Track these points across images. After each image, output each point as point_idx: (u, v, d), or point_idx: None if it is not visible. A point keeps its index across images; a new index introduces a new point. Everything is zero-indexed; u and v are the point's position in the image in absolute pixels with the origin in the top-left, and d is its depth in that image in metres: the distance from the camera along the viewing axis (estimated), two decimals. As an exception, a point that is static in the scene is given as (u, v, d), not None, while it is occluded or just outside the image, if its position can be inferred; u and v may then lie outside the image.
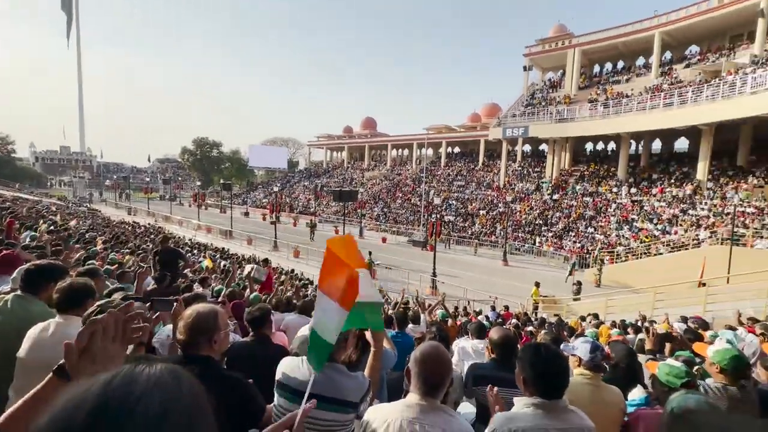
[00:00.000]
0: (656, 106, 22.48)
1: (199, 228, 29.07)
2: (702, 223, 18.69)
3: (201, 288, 6.50)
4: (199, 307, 1.54)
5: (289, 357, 1.66)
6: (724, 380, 2.11)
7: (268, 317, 2.59)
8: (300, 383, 1.51)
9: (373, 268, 17.26)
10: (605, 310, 11.09)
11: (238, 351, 2.40)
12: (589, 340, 2.28)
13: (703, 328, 6.45)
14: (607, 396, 2.12)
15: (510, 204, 29.07)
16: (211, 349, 1.51)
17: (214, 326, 1.50)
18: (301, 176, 57.55)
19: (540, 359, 1.41)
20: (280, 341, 3.61)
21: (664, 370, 1.99)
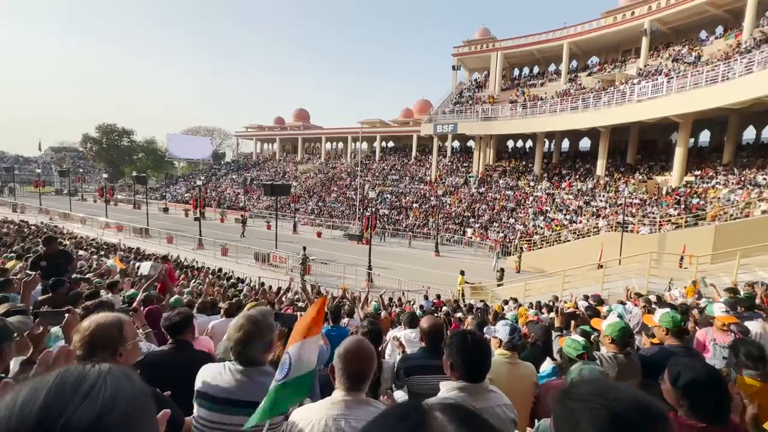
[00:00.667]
0: (564, 109, 25.16)
1: (107, 226, 25.82)
2: (600, 213, 21.45)
3: (110, 294, 5.80)
4: (99, 317, 1.35)
5: (209, 364, 1.55)
6: (614, 349, 2.45)
7: (190, 322, 2.39)
8: (222, 390, 1.42)
9: (309, 264, 16.93)
10: (524, 293, 12.22)
11: (153, 361, 2.18)
12: (509, 322, 2.49)
13: (599, 304, 7.42)
14: (522, 371, 2.33)
15: (441, 197, 30.43)
16: (116, 363, 1.34)
17: (118, 338, 1.34)
18: (228, 169, 53.98)
19: (466, 346, 1.49)
20: (205, 346, 3.37)
21: (568, 343, 2.25)
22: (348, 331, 3.95)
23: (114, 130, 59.71)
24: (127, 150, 61.29)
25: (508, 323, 2.51)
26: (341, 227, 30.33)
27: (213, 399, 1.42)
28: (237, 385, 1.42)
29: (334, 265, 17.84)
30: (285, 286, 10.97)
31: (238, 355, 1.50)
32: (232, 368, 1.47)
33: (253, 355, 1.51)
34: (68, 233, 19.18)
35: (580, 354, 2.08)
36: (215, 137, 67.04)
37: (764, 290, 5.59)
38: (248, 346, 1.49)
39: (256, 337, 1.50)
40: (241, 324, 1.51)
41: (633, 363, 2.43)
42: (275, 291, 11.13)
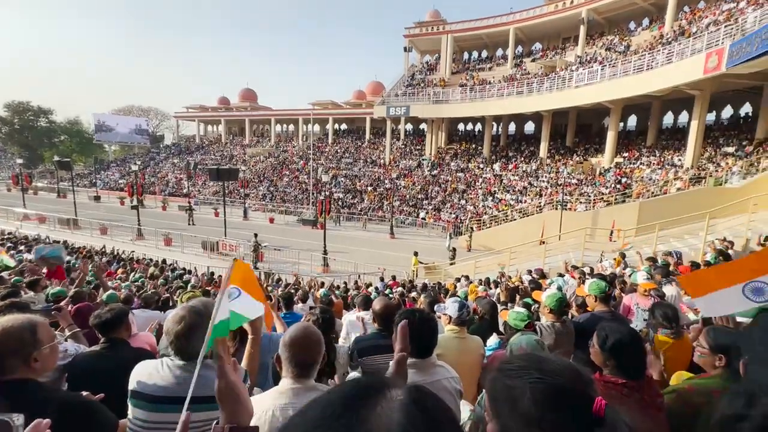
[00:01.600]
0: (511, 93, 26.18)
1: (25, 218, 23.05)
2: (543, 193, 22.89)
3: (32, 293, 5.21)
4: (5, 320, 1.19)
5: (144, 361, 1.44)
6: (553, 318, 2.65)
7: (123, 319, 2.20)
8: (159, 389, 1.32)
9: (261, 251, 16.41)
10: (474, 270, 12.83)
11: (82, 363, 2.00)
12: (458, 299, 2.58)
13: (542, 278, 7.99)
14: (470, 345, 2.45)
15: (395, 180, 30.67)
16: (31, 370, 1.20)
17: (30, 341, 1.19)
18: (168, 152, 50.09)
19: (415, 324, 1.52)
20: (146, 342, 3.16)
21: (512, 316, 2.39)
22: (301, 316, 3.90)
23: (28, 109, 52.68)
24: (45, 132, 54.51)
25: (457, 300, 2.61)
26: (294, 212, 29.62)
27: (151, 398, 1.32)
28: (177, 381, 1.34)
29: (288, 251, 17.46)
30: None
31: (180, 349, 1.41)
32: (171, 364, 1.38)
33: (195, 348, 1.42)
34: None
35: (527, 324, 2.21)
36: (151, 118, 61.59)
37: (675, 260, 6.32)
38: (189, 339, 1.40)
39: (197, 329, 1.41)
40: (182, 316, 1.42)
41: (568, 330, 2.64)
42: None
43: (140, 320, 4.07)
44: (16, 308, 2.11)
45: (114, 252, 14.91)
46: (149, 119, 59.38)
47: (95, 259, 12.97)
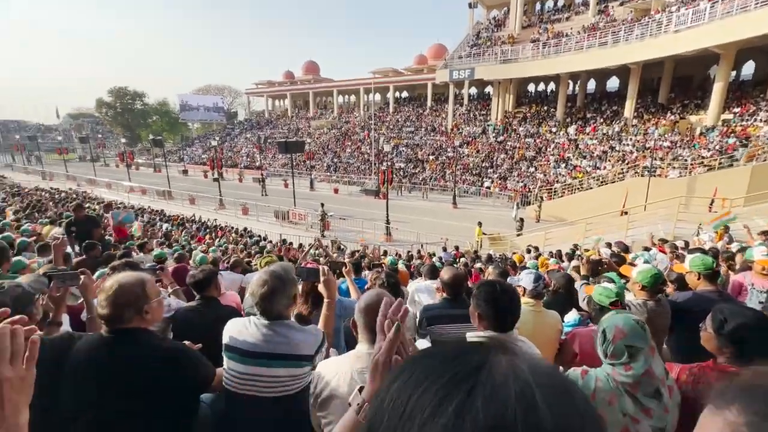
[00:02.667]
0: (592, 45, 23.16)
1: (131, 190, 26.60)
2: (626, 158, 20.47)
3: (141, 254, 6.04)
4: (121, 276, 1.36)
5: (235, 319, 1.57)
6: (644, 296, 2.38)
7: (214, 279, 2.44)
8: (248, 344, 1.44)
9: (327, 220, 17.16)
10: (544, 242, 12.11)
11: (183, 317, 2.26)
12: (532, 271, 2.43)
13: (624, 251, 7.28)
14: (547, 319, 2.31)
15: (458, 148, 29.59)
16: (143, 320, 1.36)
17: (142, 295, 1.35)
18: (242, 128, 53.63)
19: (495, 296, 1.44)
20: (232, 301, 3.49)
21: (598, 290, 2.18)
22: (366, 281, 4.02)
23: (126, 93, 59.42)
24: (141, 113, 61.30)
25: (532, 272, 2.45)
26: (357, 183, 30.23)
27: (240, 352, 1.44)
28: (263, 338, 1.44)
29: (352, 220, 18.03)
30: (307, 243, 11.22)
31: (263, 310, 1.50)
32: (257, 322, 1.48)
33: (277, 309, 1.51)
34: (97, 198, 19.90)
35: (614, 302, 2.01)
36: (226, 95, 65.94)
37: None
38: (272, 301, 1.49)
39: (279, 292, 1.49)
40: (265, 280, 1.50)
41: (663, 309, 2.36)
42: (296, 247, 11.43)
43: (226, 281, 4.52)
44: (129, 266, 2.42)
45: (200, 220, 16.67)
46: (224, 97, 63.70)
47: (186, 227, 14.63)
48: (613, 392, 1.26)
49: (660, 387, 1.23)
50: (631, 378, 1.24)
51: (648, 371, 1.24)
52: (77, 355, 1.34)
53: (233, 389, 1.45)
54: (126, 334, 1.32)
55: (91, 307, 1.84)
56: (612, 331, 1.31)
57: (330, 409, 1.25)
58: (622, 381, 1.26)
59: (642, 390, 1.23)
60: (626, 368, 1.26)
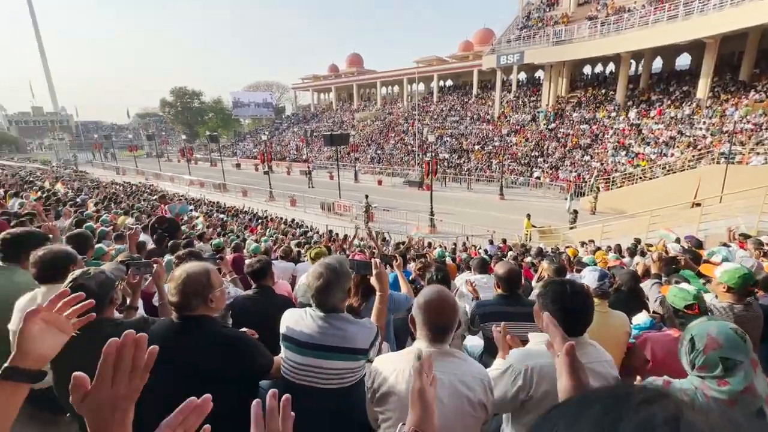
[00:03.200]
0: (659, 19, 20.97)
1: (191, 183, 28.61)
2: (698, 143, 18.46)
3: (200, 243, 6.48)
4: (188, 266, 1.43)
5: (292, 309, 1.60)
6: (730, 299, 2.11)
7: (269, 269, 2.53)
8: (304, 335, 1.46)
9: (371, 211, 17.31)
10: (601, 236, 11.32)
11: (241, 304, 2.37)
12: (597, 268, 2.25)
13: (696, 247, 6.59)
14: (613, 320, 2.13)
15: (505, 137, 28.42)
16: (208, 308, 1.43)
17: (207, 285, 1.42)
18: (289, 122, 55.49)
19: (566, 297, 1.34)
20: (284, 290, 3.63)
21: (674, 292, 1.97)
22: (410, 273, 3.99)
23: (185, 92, 63.64)
24: (198, 111, 65.43)
25: (597, 269, 2.27)
26: (401, 174, 30.16)
27: (297, 342, 1.47)
28: (318, 330, 1.45)
29: (395, 212, 18.04)
30: (351, 234, 11.41)
31: (319, 302, 1.52)
32: (313, 314, 1.51)
33: (333, 302, 1.52)
34: (162, 191, 21.65)
35: (690, 305, 1.81)
36: (274, 91, 68.41)
37: None
38: (328, 293, 1.50)
39: (334, 285, 1.50)
40: (320, 272, 1.52)
41: (754, 315, 2.08)
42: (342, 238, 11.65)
43: (278, 270, 4.71)
44: (193, 256, 2.58)
45: (252, 211, 17.56)
46: (273, 93, 66.16)
47: (240, 217, 15.47)
48: (702, 408, 1.12)
49: (765, 407, 1.08)
50: (727, 395, 1.09)
51: (749, 388, 1.08)
52: (151, 338, 1.43)
53: (290, 378, 1.49)
54: (193, 320, 1.40)
55: (163, 293, 1.98)
56: (703, 340, 1.16)
57: (388, 405, 1.23)
58: (714, 396, 1.11)
59: (740, 409, 1.08)
60: (720, 383, 1.11)
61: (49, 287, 1.73)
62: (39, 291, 1.75)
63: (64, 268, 1.78)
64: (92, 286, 1.46)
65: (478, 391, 1.23)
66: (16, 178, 14.81)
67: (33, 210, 5.71)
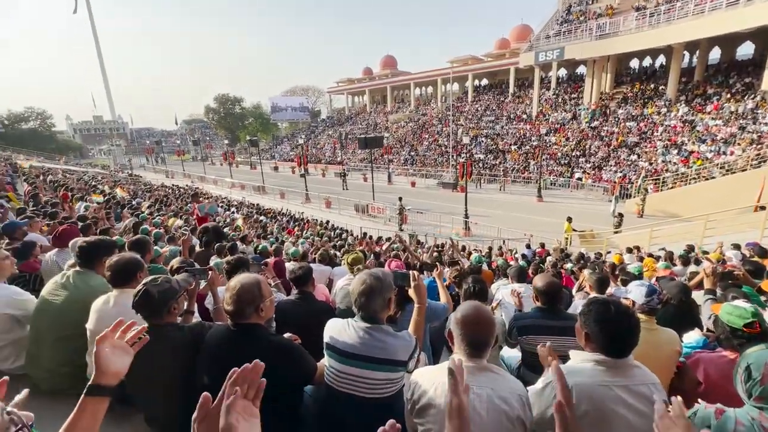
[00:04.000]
0: (717, 6, 19.39)
1: (233, 186, 30.02)
2: (763, 140, 16.87)
3: (243, 245, 6.82)
4: (242, 278, 1.55)
5: (335, 319, 1.68)
6: (795, 319, 1.95)
7: (311, 275, 2.65)
8: (347, 345, 1.53)
9: (405, 213, 17.35)
10: (649, 241, 10.66)
11: (284, 310, 2.49)
12: (645, 283, 2.16)
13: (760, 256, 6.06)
14: (662, 339, 2.04)
15: (544, 136, 27.45)
16: (259, 317, 1.55)
17: (259, 295, 1.53)
18: (324, 125, 56.74)
19: (608, 317, 1.32)
20: (322, 294, 3.76)
21: (727, 309, 1.85)
22: (445, 280, 3.98)
23: (228, 99, 66.86)
24: (239, 116, 68.50)
25: (644, 283, 2.19)
26: (435, 176, 29.96)
27: (339, 351, 1.55)
28: (360, 341, 1.52)
29: (429, 214, 17.96)
30: (386, 237, 11.49)
31: (361, 307, 1.58)
32: (356, 325, 1.57)
33: (374, 309, 1.58)
34: (206, 193, 22.90)
35: (749, 323, 1.69)
36: (310, 95, 70.26)
37: None
38: (371, 300, 1.56)
39: (377, 293, 1.56)
40: (363, 279, 1.59)
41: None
42: (375, 240, 11.78)
43: (316, 273, 4.88)
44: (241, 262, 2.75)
45: (290, 213, 18.15)
46: (309, 97, 68.02)
47: (278, 219, 16.04)
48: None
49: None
50: (787, 428, 1.04)
51: (812, 423, 1.02)
52: (210, 343, 1.58)
53: (333, 385, 1.57)
54: (246, 328, 1.52)
55: (217, 297, 2.15)
56: (760, 369, 1.10)
57: (427, 417, 1.28)
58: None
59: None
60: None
61: (120, 291, 1.93)
62: (112, 294, 1.96)
63: (133, 274, 1.98)
64: (154, 293, 1.62)
65: (516, 407, 1.24)
66: (81, 183, 16.26)
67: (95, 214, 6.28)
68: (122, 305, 1.86)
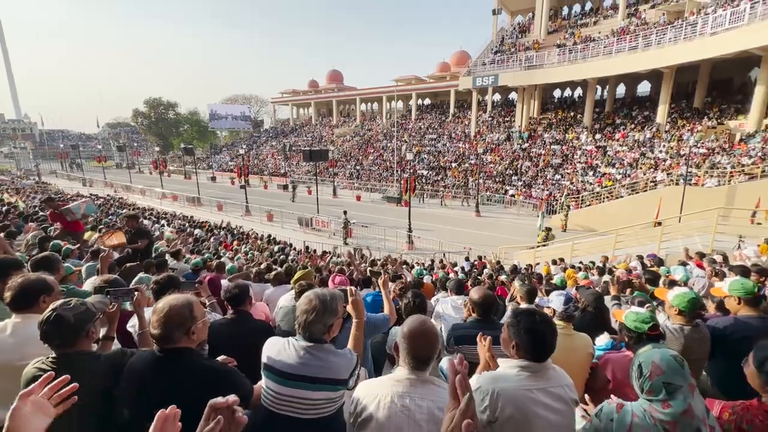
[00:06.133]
0: (622, 49, 22.53)
1: (163, 196, 27.77)
2: (659, 165, 19.67)
3: (175, 261, 6.31)
4: (171, 299, 1.45)
5: (274, 338, 1.63)
6: (681, 321, 2.30)
7: (247, 294, 2.53)
8: (286, 365, 1.49)
9: (350, 228, 17.33)
10: (571, 253, 11.78)
11: (218, 331, 2.35)
12: (563, 293, 2.40)
13: (658, 265, 6.99)
14: (578, 343, 2.27)
15: (481, 155, 29.30)
16: (189, 340, 1.45)
17: (190, 317, 1.44)
18: (267, 136, 55.12)
19: (535, 326, 1.44)
20: (262, 312, 3.60)
21: (631, 317, 2.12)
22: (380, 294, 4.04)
23: (160, 103, 62.25)
24: (173, 122, 63.97)
25: (563, 293, 2.42)
26: (380, 190, 30.41)
27: (278, 372, 1.50)
28: (301, 361, 1.49)
29: (374, 228, 18.12)
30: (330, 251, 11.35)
31: (307, 330, 1.55)
32: (296, 344, 1.54)
33: (322, 329, 1.57)
34: (132, 204, 20.90)
35: (651, 326, 1.94)
36: (253, 104, 68.01)
37: None
38: (318, 320, 1.55)
39: (325, 313, 1.56)
40: (311, 299, 1.58)
41: (701, 335, 2.27)
42: (320, 255, 11.59)
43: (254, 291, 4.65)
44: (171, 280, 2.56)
45: (228, 226, 17.20)
46: (251, 106, 65.75)
47: (215, 233, 15.12)
48: (649, 429, 1.24)
49: (701, 426, 1.21)
50: (670, 417, 1.22)
51: (688, 410, 1.21)
52: (132, 371, 1.44)
53: (271, 408, 1.52)
54: (174, 353, 1.42)
55: (143, 321, 1.97)
56: (648, 366, 1.29)
57: (368, 430, 1.29)
58: (660, 418, 1.24)
59: (681, 430, 1.21)
60: (664, 405, 1.24)
61: (23, 317, 1.70)
62: (9, 321, 1.71)
63: (36, 298, 1.75)
64: (69, 318, 1.45)
65: (452, 417, 1.30)
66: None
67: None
68: (22, 334, 1.64)
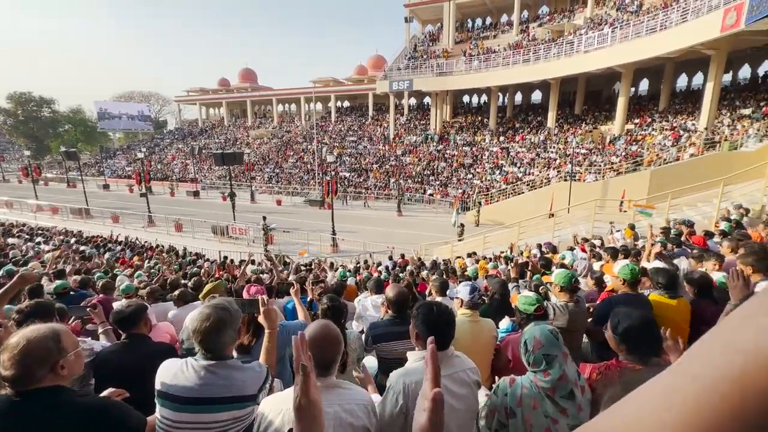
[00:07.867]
0: (517, 62, 25.29)
1: (39, 209, 23.47)
2: (551, 164, 22.50)
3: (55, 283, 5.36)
4: (29, 331, 1.21)
5: (168, 362, 1.47)
6: (565, 297, 2.65)
7: (141, 314, 2.25)
8: (185, 389, 1.36)
9: (270, 233, 16.57)
10: (483, 246, 12.83)
11: (106, 360, 2.06)
12: (469, 283, 2.59)
13: (552, 252, 7.96)
14: (483, 328, 2.47)
15: (400, 157, 30.35)
16: (58, 377, 1.24)
17: (55, 350, 1.22)
18: (172, 138, 50.00)
19: (432, 317, 1.52)
20: (165, 333, 3.25)
21: (521, 300, 2.38)
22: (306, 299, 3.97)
23: (30, 99, 52.46)
24: (49, 122, 54.42)
25: (469, 284, 2.62)
26: (301, 193, 29.66)
27: (176, 399, 1.36)
28: (200, 382, 1.36)
29: (297, 232, 17.62)
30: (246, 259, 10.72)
31: (208, 347, 1.42)
32: (195, 365, 1.40)
33: (224, 344, 1.45)
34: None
35: (536, 307, 2.20)
36: (153, 103, 61.16)
37: (688, 229, 6.22)
38: (219, 335, 1.42)
39: (227, 326, 1.43)
40: (208, 313, 1.42)
41: (581, 309, 2.65)
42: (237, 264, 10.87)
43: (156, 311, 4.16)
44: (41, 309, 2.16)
45: (127, 240, 15.19)
46: (151, 105, 59.02)
47: (110, 248, 13.25)
48: (535, 397, 1.41)
49: (573, 388, 1.41)
50: (549, 383, 1.40)
51: (562, 375, 1.40)
52: (-25, 425, 1.18)
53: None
54: (37, 394, 1.19)
55: None
56: (531, 342, 1.46)
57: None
58: (542, 386, 1.41)
59: (558, 393, 1.39)
60: (545, 374, 1.42)
61: None
62: None
63: None
64: None
65: (362, 417, 1.31)
66: None
67: None
68: None
